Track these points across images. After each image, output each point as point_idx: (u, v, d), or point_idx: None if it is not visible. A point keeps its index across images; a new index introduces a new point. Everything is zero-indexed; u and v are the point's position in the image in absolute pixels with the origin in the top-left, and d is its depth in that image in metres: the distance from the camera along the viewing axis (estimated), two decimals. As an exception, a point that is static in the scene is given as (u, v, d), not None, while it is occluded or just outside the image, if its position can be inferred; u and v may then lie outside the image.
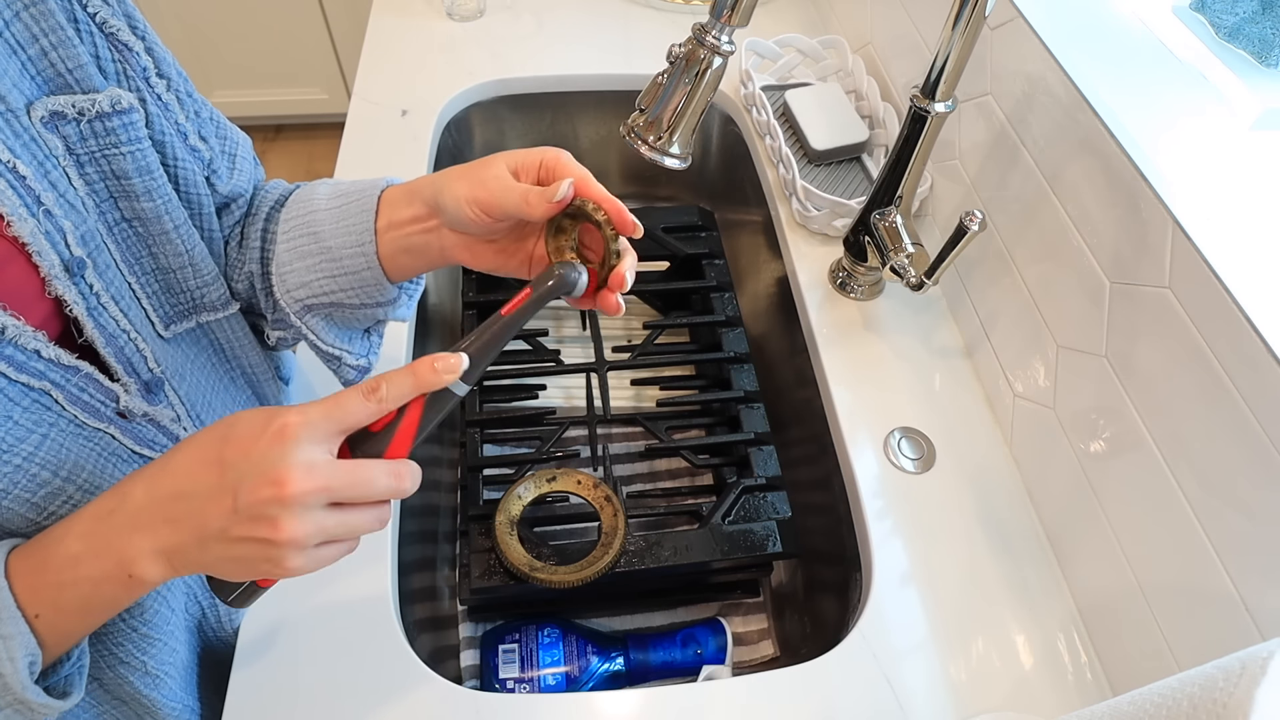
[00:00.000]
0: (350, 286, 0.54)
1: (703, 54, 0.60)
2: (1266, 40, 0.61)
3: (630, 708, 0.59)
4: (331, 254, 0.54)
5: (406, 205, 0.53)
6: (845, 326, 0.81)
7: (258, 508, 0.38)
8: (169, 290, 0.52)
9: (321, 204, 0.55)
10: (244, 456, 0.39)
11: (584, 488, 0.70)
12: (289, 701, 0.58)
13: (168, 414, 0.51)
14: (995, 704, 0.60)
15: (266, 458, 0.38)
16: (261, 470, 0.38)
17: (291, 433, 0.39)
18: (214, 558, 0.40)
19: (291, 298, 0.55)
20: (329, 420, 0.40)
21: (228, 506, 0.38)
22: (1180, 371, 0.53)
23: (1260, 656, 0.31)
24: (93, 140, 0.46)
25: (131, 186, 0.48)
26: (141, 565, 0.40)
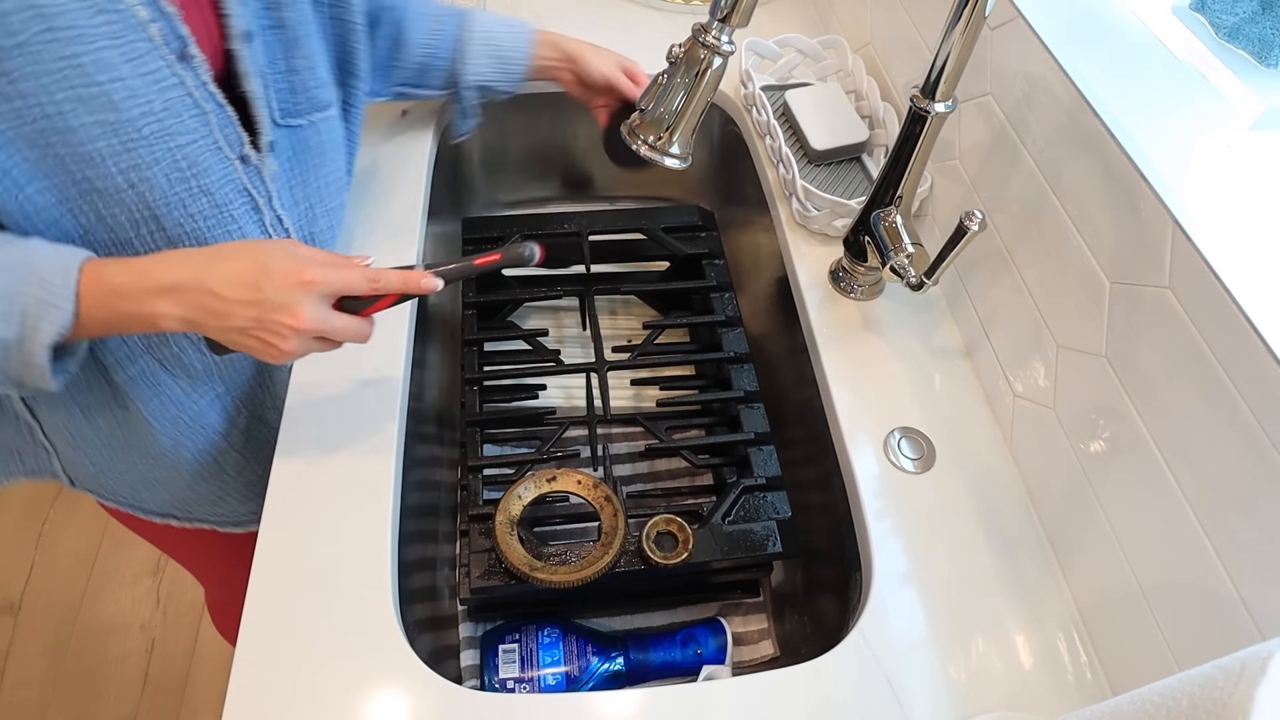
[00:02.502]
0: (509, 79, 0.86)
1: (703, 54, 0.60)
2: (1266, 40, 0.61)
3: (630, 708, 0.59)
4: (507, 61, 0.84)
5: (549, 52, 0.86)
6: (845, 326, 0.81)
7: (274, 325, 0.55)
8: (293, 90, 0.65)
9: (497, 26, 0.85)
10: (276, 291, 0.55)
11: (584, 488, 0.70)
12: (289, 701, 0.58)
13: (270, 169, 0.65)
14: (995, 704, 0.60)
15: (291, 296, 0.55)
16: (285, 304, 0.55)
17: (314, 288, 0.56)
18: (224, 337, 0.57)
19: (467, 79, 0.84)
20: (339, 282, 0.57)
21: (252, 315, 0.55)
22: (1180, 371, 0.53)
23: (1260, 656, 0.31)
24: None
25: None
26: (166, 323, 0.55)
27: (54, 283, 0.52)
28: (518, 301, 0.94)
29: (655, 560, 0.66)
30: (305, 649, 0.60)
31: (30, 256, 0.53)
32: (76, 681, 1.45)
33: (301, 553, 0.64)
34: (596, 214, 0.94)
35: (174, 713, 1.44)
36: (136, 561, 1.59)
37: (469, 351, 0.81)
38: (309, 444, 0.70)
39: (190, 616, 1.53)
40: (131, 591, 1.56)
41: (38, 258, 0.53)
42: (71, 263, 0.53)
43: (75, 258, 0.54)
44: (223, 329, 0.56)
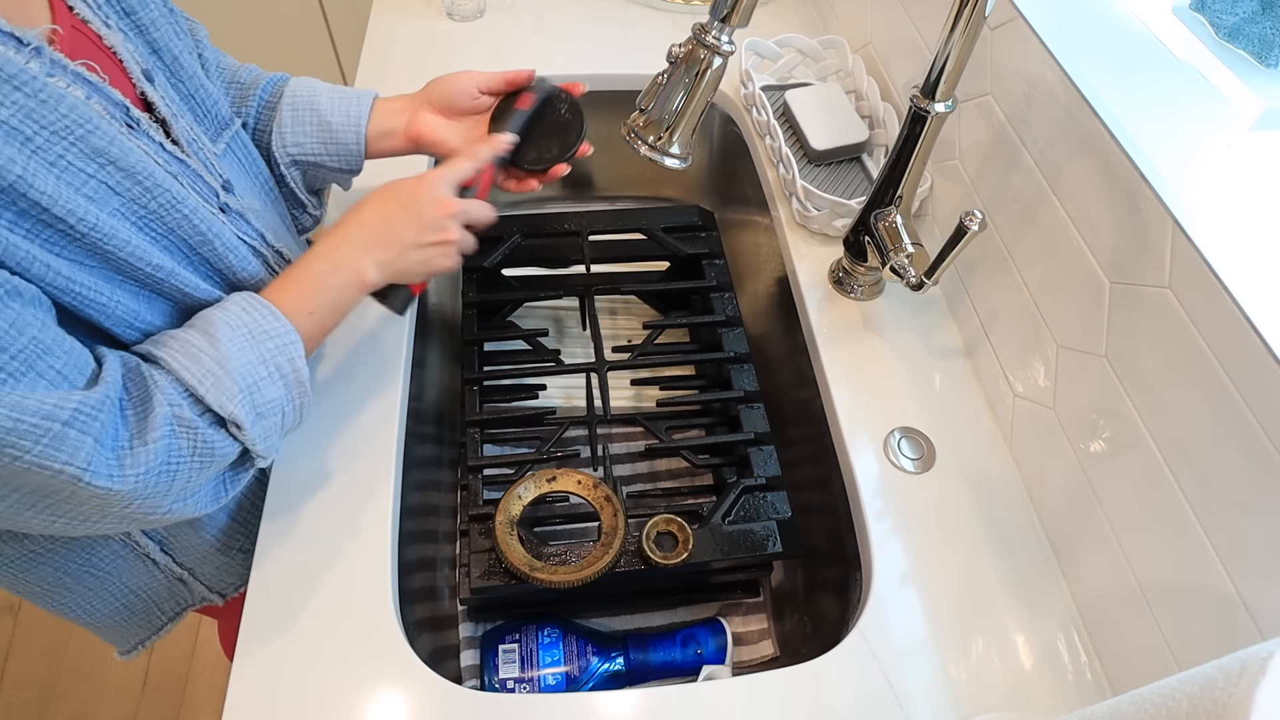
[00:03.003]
0: (337, 154, 0.73)
1: (703, 54, 0.60)
2: (1266, 40, 0.61)
3: (630, 708, 0.59)
4: (330, 128, 0.72)
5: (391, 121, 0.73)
6: (845, 326, 0.81)
7: (437, 223, 0.63)
8: (196, 115, 0.62)
9: (323, 93, 0.73)
10: (416, 196, 0.63)
11: (584, 488, 0.70)
12: (289, 701, 0.58)
13: (254, 208, 0.64)
14: (995, 704, 0.60)
15: (433, 193, 0.63)
16: (432, 199, 0.63)
17: (438, 178, 0.64)
18: (410, 261, 0.63)
19: (285, 153, 0.71)
20: (453, 173, 0.65)
21: (417, 224, 0.62)
22: (1180, 371, 0.53)
23: (1260, 656, 0.31)
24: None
25: (140, 20, 0.57)
26: (369, 271, 0.61)
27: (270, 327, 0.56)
28: (518, 301, 0.94)
29: (655, 560, 0.66)
30: (305, 649, 0.60)
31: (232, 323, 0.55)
32: (76, 681, 1.45)
33: (302, 552, 0.64)
34: (596, 214, 0.94)
35: (174, 713, 1.44)
36: (136, 561, 1.59)
37: (469, 351, 0.81)
38: (309, 444, 0.70)
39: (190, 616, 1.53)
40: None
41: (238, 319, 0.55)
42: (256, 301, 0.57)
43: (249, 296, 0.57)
44: (403, 253, 0.62)
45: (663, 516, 0.69)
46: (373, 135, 0.72)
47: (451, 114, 0.73)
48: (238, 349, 0.54)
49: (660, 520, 0.68)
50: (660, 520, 0.68)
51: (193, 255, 0.56)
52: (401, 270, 0.63)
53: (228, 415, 0.52)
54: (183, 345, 0.53)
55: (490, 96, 0.73)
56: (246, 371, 0.54)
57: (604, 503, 0.69)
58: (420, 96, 0.74)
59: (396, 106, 0.74)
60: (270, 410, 0.55)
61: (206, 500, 0.56)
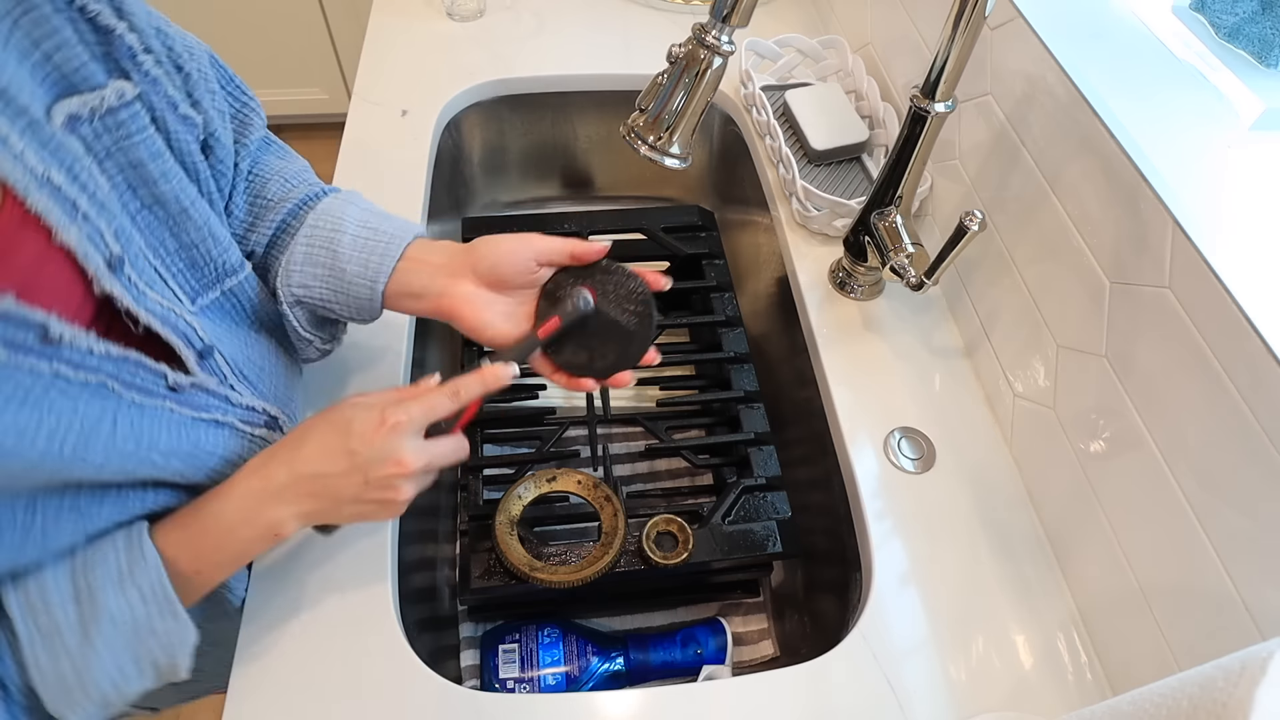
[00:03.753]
0: (347, 305, 0.62)
1: (703, 54, 0.60)
2: (1266, 40, 0.61)
3: (630, 708, 0.59)
4: (343, 277, 0.60)
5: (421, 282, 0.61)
6: (845, 326, 0.81)
7: (384, 481, 0.52)
8: (193, 265, 0.54)
9: (349, 229, 0.61)
10: (368, 445, 0.52)
11: (584, 488, 0.70)
12: (289, 701, 0.58)
13: (213, 380, 0.54)
14: (995, 704, 0.60)
15: (387, 446, 0.52)
16: (384, 455, 0.52)
17: (402, 428, 0.52)
18: (343, 515, 0.54)
19: (290, 291, 0.61)
20: (424, 414, 0.54)
21: (359, 481, 0.52)
22: (1180, 371, 0.53)
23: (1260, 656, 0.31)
24: (106, 136, 0.47)
25: (148, 173, 0.49)
26: (286, 526, 0.52)
27: (162, 627, 0.48)
28: (518, 301, 0.94)
29: (655, 560, 0.66)
30: (305, 649, 0.60)
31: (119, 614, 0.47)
32: (76, 681, 1.45)
33: (301, 552, 0.64)
34: (596, 214, 0.94)
35: (174, 712, 1.44)
36: (136, 561, 1.58)
37: (469, 351, 0.81)
38: (309, 444, 0.70)
39: (190, 616, 1.53)
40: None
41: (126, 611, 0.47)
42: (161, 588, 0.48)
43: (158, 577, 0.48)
44: (337, 507, 0.53)
45: (663, 516, 0.69)
46: (394, 294, 0.61)
47: (499, 287, 0.61)
48: (110, 650, 0.47)
49: (660, 520, 0.68)
50: (660, 520, 0.68)
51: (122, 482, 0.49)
52: (330, 519, 0.55)
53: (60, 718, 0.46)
54: (51, 629, 0.45)
55: (548, 268, 0.62)
56: (108, 676, 0.47)
57: (604, 503, 0.69)
58: (464, 259, 0.61)
59: (432, 264, 0.61)
60: (127, 697, 0.49)
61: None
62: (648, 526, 0.68)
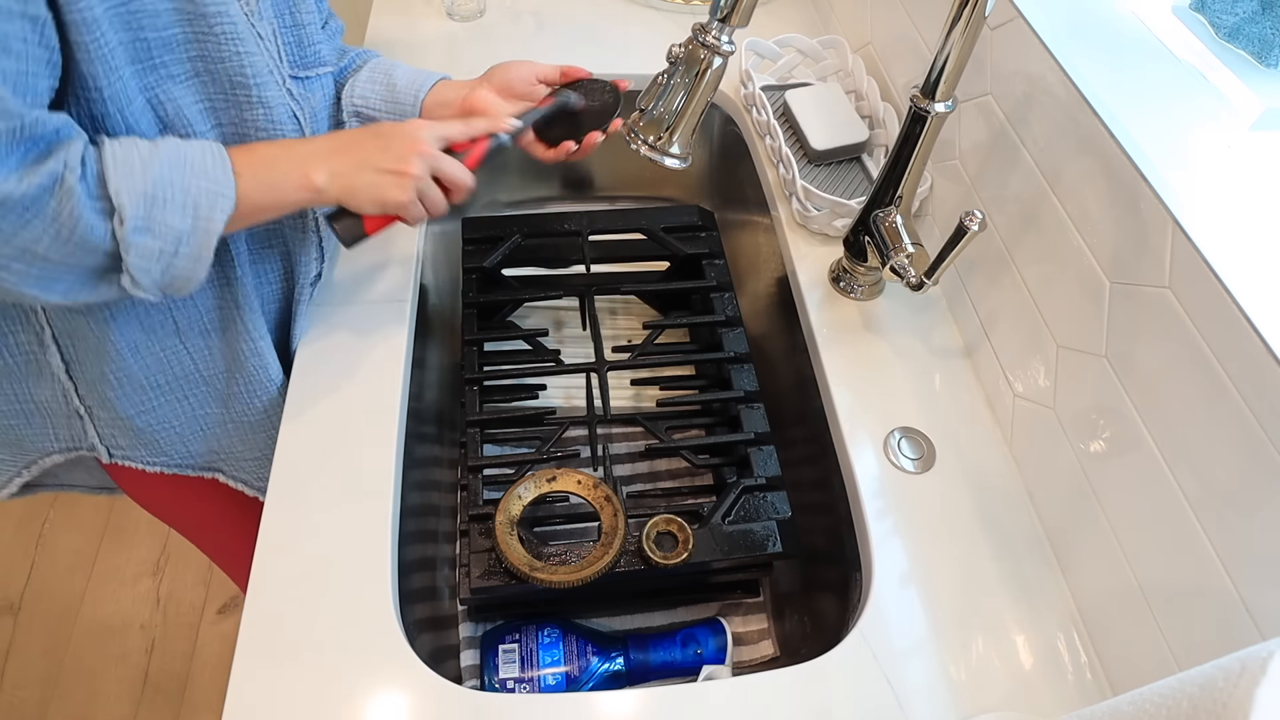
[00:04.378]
0: (394, 112, 0.79)
1: (703, 54, 0.60)
2: (1266, 40, 0.61)
3: (630, 708, 0.59)
4: (395, 89, 0.79)
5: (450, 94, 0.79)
6: (845, 326, 0.81)
7: (400, 154, 0.64)
8: (299, 43, 0.70)
9: (402, 66, 0.81)
10: (395, 132, 0.65)
11: (584, 488, 0.70)
12: (289, 701, 0.58)
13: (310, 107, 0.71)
14: (995, 704, 0.60)
15: (408, 131, 0.66)
16: (406, 136, 0.65)
17: (422, 125, 0.67)
18: (363, 181, 0.63)
19: (350, 103, 0.79)
20: (441, 127, 0.68)
21: (380, 150, 0.64)
22: (1180, 371, 0.53)
23: (1260, 656, 0.31)
24: None
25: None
26: (316, 172, 0.62)
27: (215, 173, 0.57)
28: (518, 301, 0.94)
29: (655, 560, 0.66)
30: (305, 649, 0.60)
31: (184, 152, 0.57)
32: (76, 681, 1.45)
33: (302, 552, 0.64)
34: (596, 214, 0.94)
35: (174, 713, 1.44)
36: (136, 561, 1.59)
37: (469, 351, 0.81)
38: (309, 444, 0.70)
39: (190, 616, 1.53)
40: (131, 591, 1.56)
41: (190, 152, 0.57)
42: (219, 150, 0.59)
43: (218, 145, 0.59)
44: (358, 168, 0.63)
45: (663, 516, 0.69)
46: (429, 104, 0.79)
47: (508, 95, 0.78)
48: (169, 165, 0.55)
49: (660, 520, 0.68)
50: (660, 520, 0.68)
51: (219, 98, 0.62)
52: (351, 186, 0.63)
53: (116, 203, 0.53)
54: (131, 142, 0.55)
55: (546, 86, 0.78)
56: (162, 183, 0.55)
57: (604, 503, 0.69)
58: (481, 79, 0.79)
59: (457, 84, 0.80)
60: (163, 233, 0.55)
61: (52, 286, 0.54)
62: (648, 526, 0.68)
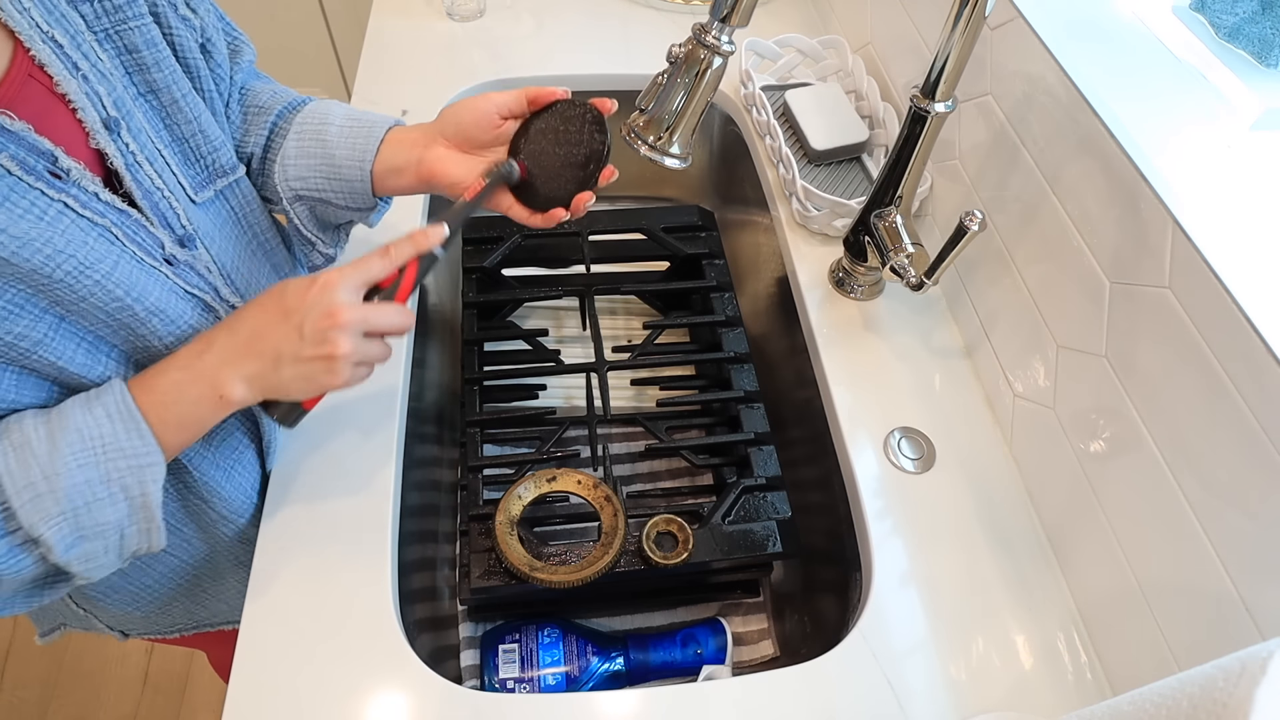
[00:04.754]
0: (341, 191, 0.66)
1: (703, 54, 0.60)
2: (1266, 40, 0.61)
3: (630, 708, 0.59)
4: (334, 162, 0.65)
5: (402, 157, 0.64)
6: (845, 326, 0.81)
7: (319, 334, 0.52)
8: (187, 160, 0.59)
9: (335, 121, 0.66)
10: (302, 302, 0.53)
11: (584, 488, 0.70)
12: (289, 701, 0.58)
13: (204, 260, 0.58)
14: (995, 704, 0.60)
15: (320, 300, 0.53)
16: (318, 308, 0.53)
17: (334, 283, 0.53)
18: (286, 377, 0.54)
19: (288, 186, 0.66)
20: (358, 274, 0.55)
21: (295, 337, 0.53)
22: (1180, 371, 0.53)
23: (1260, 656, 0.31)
24: (105, 18, 0.52)
25: (143, 59, 0.54)
26: (230, 387, 0.53)
27: (129, 444, 0.50)
28: (518, 301, 0.94)
29: (655, 560, 0.66)
30: (305, 649, 0.60)
31: (85, 431, 0.50)
32: (76, 681, 1.45)
33: (302, 552, 0.64)
34: (596, 214, 0.94)
35: (174, 713, 1.44)
36: (136, 561, 1.59)
37: (469, 351, 0.81)
38: (309, 444, 0.70)
39: (190, 616, 1.53)
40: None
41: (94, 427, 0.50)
42: (127, 408, 0.51)
43: (124, 399, 0.51)
44: (277, 367, 0.53)
45: (663, 516, 0.69)
46: (380, 172, 0.64)
47: (469, 148, 0.64)
48: (79, 463, 0.49)
49: (660, 520, 0.68)
50: (660, 520, 0.68)
51: (98, 323, 0.51)
52: (276, 386, 0.55)
53: (36, 535, 0.48)
54: (22, 442, 0.48)
55: (514, 120, 0.64)
56: (79, 491, 0.49)
57: (604, 503, 0.69)
58: (434, 128, 0.65)
59: (409, 139, 0.65)
60: (100, 532, 0.51)
61: (6, 607, 0.52)
62: (648, 526, 0.68)
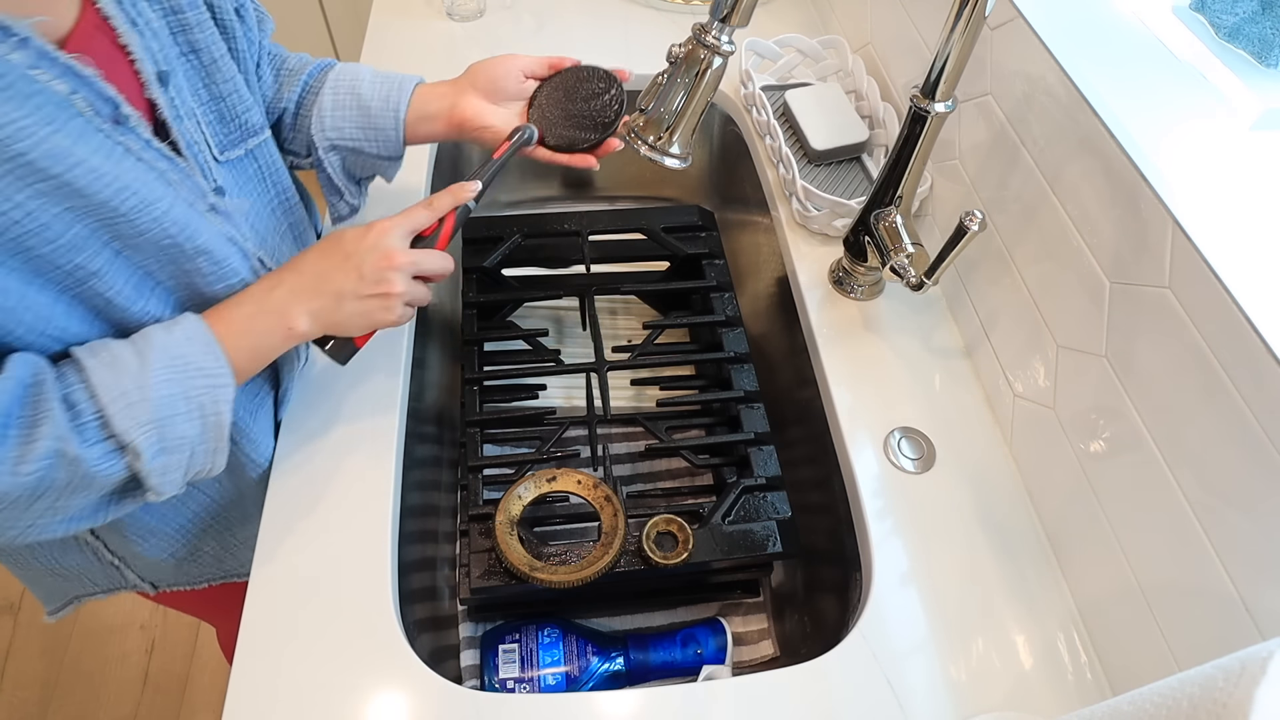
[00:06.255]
0: (375, 139, 0.72)
1: (703, 54, 0.60)
2: (1266, 40, 0.61)
3: (630, 708, 0.59)
4: (369, 112, 0.71)
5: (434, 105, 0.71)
6: (845, 326, 0.81)
7: (378, 274, 0.59)
8: (221, 118, 0.62)
9: (366, 77, 0.72)
10: (359, 246, 0.60)
11: (584, 488, 0.70)
12: (289, 701, 0.58)
13: (242, 208, 0.62)
14: (995, 704, 0.60)
15: (378, 244, 0.60)
16: (376, 251, 0.60)
17: (389, 229, 0.61)
18: (347, 313, 0.60)
19: (324, 137, 0.71)
20: (406, 222, 0.62)
21: (354, 275, 0.59)
22: (1180, 371, 0.53)
23: (1260, 656, 0.31)
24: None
25: (186, 20, 0.57)
26: (297, 320, 0.58)
27: (208, 364, 0.54)
28: (518, 301, 0.94)
29: (655, 560, 0.66)
30: (305, 649, 0.60)
31: (171, 351, 0.53)
32: (76, 681, 1.45)
33: (302, 553, 0.64)
34: (596, 214, 0.94)
35: (174, 713, 1.44)
36: (136, 561, 1.59)
37: (469, 351, 0.81)
38: (309, 443, 0.70)
39: (190, 617, 1.53)
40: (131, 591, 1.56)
41: (177, 348, 0.53)
42: (203, 332, 0.55)
43: (200, 325, 0.55)
44: (339, 304, 0.59)
45: (663, 516, 0.69)
46: (412, 120, 0.71)
47: (497, 98, 0.71)
48: (165, 377, 0.52)
49: (660, 520, 0.68)
50: (660, 520, 0.68)
51: (149, 258, 0.53)
52: (337, 322, 0.60)
53: (129, 441, 0.50)
54: (112, 358, 0.51)
55: (535, 80, 0.72)
56: (165, 403, 0.51)
57: (604, 503, 0.69)
58: (463, 81, 0.72)
59: (439, 91, 0.72)
60: (178, 446, 0.53)
61: (77, 520, 0.53)
62: (648, 526, 0.68)
